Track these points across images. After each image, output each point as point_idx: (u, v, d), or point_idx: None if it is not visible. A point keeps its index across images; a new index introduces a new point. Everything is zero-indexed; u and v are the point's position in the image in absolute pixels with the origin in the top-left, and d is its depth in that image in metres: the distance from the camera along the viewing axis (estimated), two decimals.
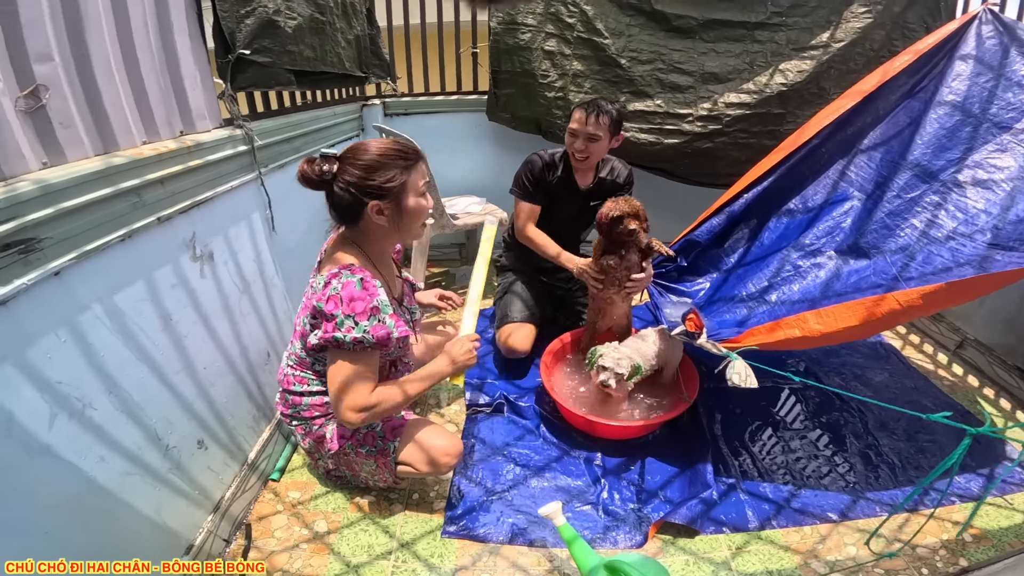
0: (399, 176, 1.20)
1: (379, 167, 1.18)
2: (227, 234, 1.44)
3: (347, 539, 1.41)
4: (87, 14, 1.03)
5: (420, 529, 1.44)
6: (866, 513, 1.50)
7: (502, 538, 1.42)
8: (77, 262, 0.93)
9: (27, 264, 0.83)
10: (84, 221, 0.95)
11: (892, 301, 1.32)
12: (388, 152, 1.20)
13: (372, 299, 1.18)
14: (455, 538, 1.42)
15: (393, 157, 1.20)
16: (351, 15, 2.24)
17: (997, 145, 1.79)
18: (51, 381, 0.86)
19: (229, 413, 1.40)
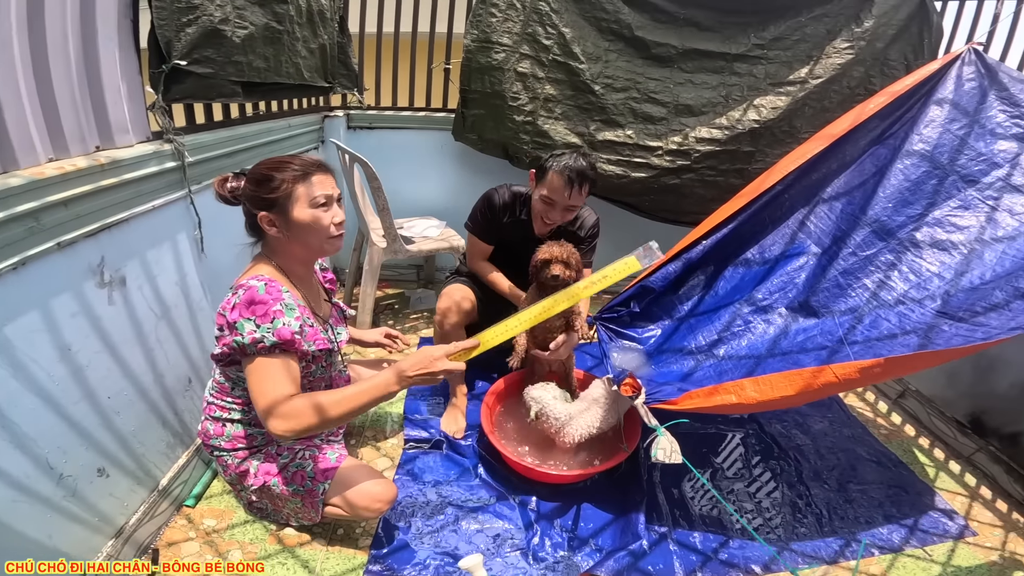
0: (285, 186, 1.19)
1: (264, 179, 1.20)
2: (144, 257, 1.35)
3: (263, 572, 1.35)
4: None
5: (342, 566, 1.38)
6: (788, 564, 1.50)
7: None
8: None
9: None
10: None
11: (830, 374, 1.30)
12: (277, 164, 1.21)
13: (275, 302, 1.15)
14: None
15: (281, 168, 1.20)
16: (317, 23, 2.16)
17: (960, 201, 1.76)
18: None
19: (138, 441, 1.34)
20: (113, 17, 1.27)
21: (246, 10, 1.68)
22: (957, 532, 1.63)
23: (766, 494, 1.75)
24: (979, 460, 1.94)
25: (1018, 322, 1.36)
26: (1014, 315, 1.40)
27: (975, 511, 1.74)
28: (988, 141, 1.79)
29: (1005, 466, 1.85)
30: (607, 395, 1.72)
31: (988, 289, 1.52)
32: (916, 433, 2.13)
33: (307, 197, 1.21)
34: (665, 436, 1.30)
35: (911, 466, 1.92)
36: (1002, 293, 1.48)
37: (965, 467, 1.94)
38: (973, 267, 1.63)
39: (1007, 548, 1.59)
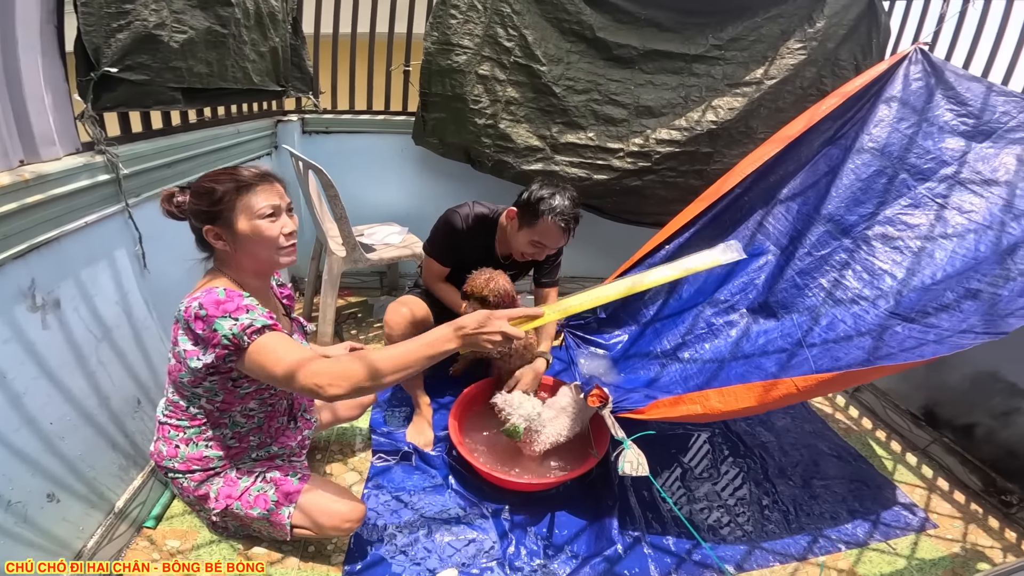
0: (228, 198, 1.15)
1: (205, 191, 1.16)
2: (79, 277, 1.27)
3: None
4: None
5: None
6: (759, 563, 1.53)
7: None
8: None
9: None
10: None
11: (791, 385, 1.34)
12: (218, 175, 1.18)
13: (240, 300, 1.11)
14: None
15: (223, 180, 1.16)
16: (267, 25, 2.07)
17: (911, 199, 1.81)
18: None
19: (87, 464, 1.29)
20: (35, 24, 1.19)
21: (185, 14, 1.59)
22: (918, 525, 1.69)
23: (733, 493, 1.79)
24: (934, 452, 2.01)
25: (969, 323, 1.40)
26: (965, 316, 1.45)
27: (934, 503, 1.80)
28: (936, 139, 1.84)
29: (960, 457, 1.93)
30: (574, 403, 1.71)
31: (939, 290, 1.56)
32: (873, 426, 2.20)
33: (251, 208, 1.16)
34: (632, 449, 1.31)
35: (870, 459, 1.98)
36: (952, 294, 1.52)
37: (921, 459, 2.02)
38: (924, 266, 1.68)
39: (968, 540, 1.65)
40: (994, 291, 1.44)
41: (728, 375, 1.81)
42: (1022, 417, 1.79)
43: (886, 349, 1.48)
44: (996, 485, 1.80)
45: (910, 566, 1.54)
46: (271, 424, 1.35)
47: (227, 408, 1.25)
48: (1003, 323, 1.30)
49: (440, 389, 2.13)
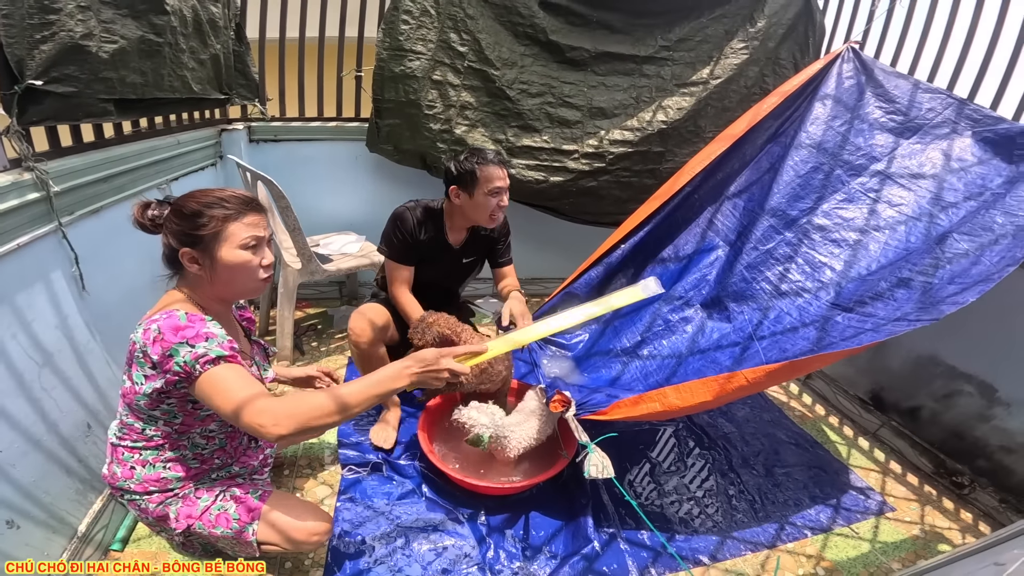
0: (214, 224, 1.12)
1: (192, 214, 1.12)
2: (14, 303, 1.21)
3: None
4: None
5: None
6: (732, 553, 1.59)
7: None
8: None
9: None
10: None
11: (741, 379, 1.40)
12: (208, 199, 1.13)
13: (202, 326, 1.08)
14: None
15: (212, 205, 1.12)
16: (207, 32, 2.01)
17: (845, 194, 1.91)
18: None
19: (42, 490, 1.27)
20: None
21: (115, 23, 1.53)
22: (877, 508, 1.78)
23: (701, 485, 1.85)
24: (884, 435, 2.14)
25: (903, 311, 1.48)
26: (898, 305, 1.55)
27: (889, 486, 1.91)
28: (867, 136, 1.96)
29: (909, 440, 2.05)
30: (541, 406, 1.73)
31: (874, 280, 1.67)
32: (826, 412, 2.33)
33: (235, 238, 1.14)
34: (596, 452, 1.35)
35: (826, 445, 2.09)
36: (886, 283, 1.63)
37: (873, 443, 2.15)
38: (860, 258, 1.78)
39: (926, 522, 1.75)
40: (925, 279, 1.55)
41: (686, 370, 1.86)
42: (963, 399, 1.91)
43: (828, 339, 1.56)
44: (946, 466, 1.93)
45: (874, 549, 1.62)
46: (232, 444, 1.32)
47: (186, 430, 1.22)
48: (935, 310, 1.39)
49: (409, 397, 2.13)
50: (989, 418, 1.83)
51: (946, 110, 1.87)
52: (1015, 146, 1.68)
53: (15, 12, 1.24)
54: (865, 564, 1.56)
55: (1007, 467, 1.78)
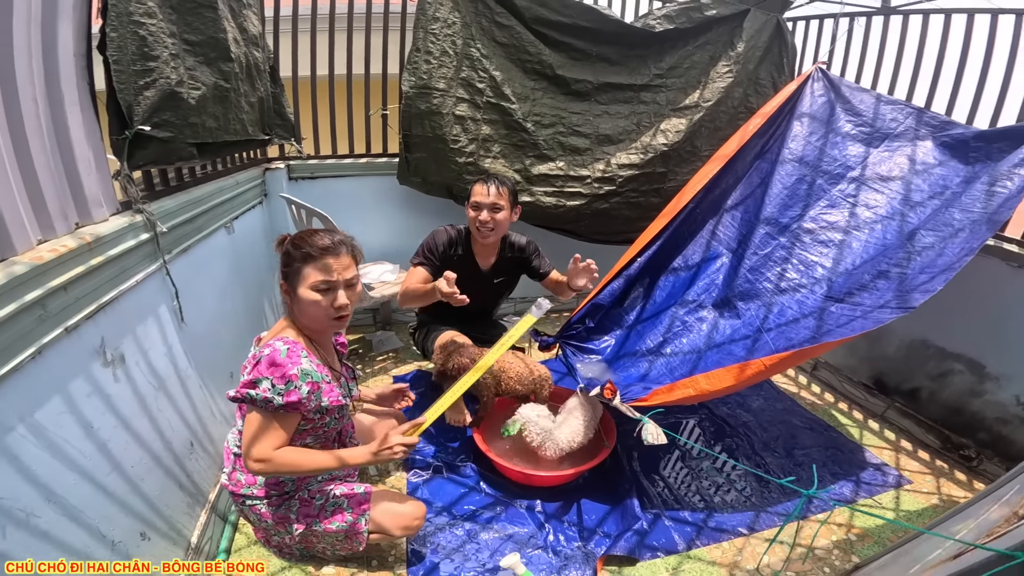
0: (296, 264, 1.35)
1: (286, 251, 1.37)
2: (136, 333, 1.41)
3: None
4: None
5: None
6: (766, 524, 1.81)
7: None
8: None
9: None
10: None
11: (757, 365, 1.66)
12: (299, 241, 1.37)
13: (293, 367, 1.29)
14: None
15: (300, 245, 1.35)
16: (255, 76, 2.20)
17: (828, 200, 2.20)
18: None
19: (164, 504, 1.42)
20: (73, 80, 1.24)
21: (196, 70, 1.70)
22: (895, 482, 2.02)
23: (731, 467, 2.07)
24: (891, 416, 2.39)
25: (885, 299, 1.74)
26: (881, 293, 1.83)
27: (903, 462, 2.14)
28: (841, 148, 2.28)
29: (914, 419, 2.31)
30: (581, 405, 1.91)
31: (859, 273, 1.96)
32: (835, 399, 2.58)
33: (309, 280, 1.34)
34: (650, 423, 1.57)
35: (838, 428, 2.34)
36: (868, 276, 1.92)
37: (882, 424, 2.39)
38: (846, 255, 2.07)
39: (942, 492, 1.97)
40: (900, 271, 1.84)
41: (706, 363, 2.09)
42: (956, 377, 2.19)
43: (826, 327, 1.82)
44: (952, 441, 2.16)
45: (899, 517, 1.83)
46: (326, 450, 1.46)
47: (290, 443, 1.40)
48: (911, 298, 1.68)
49: None
50: (981, 393, 2.09)
51: (907, 119, 2.19)
52: (969, 148, 1.99)
53: (122, 58, 1.39)
54: (893, 530, 1.76)
55: (1006, 437, 2.01)
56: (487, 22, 2.65)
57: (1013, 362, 2.00)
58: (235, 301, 2.14)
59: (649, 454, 2.09)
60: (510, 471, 1.88)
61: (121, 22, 1.38)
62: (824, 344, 1.72)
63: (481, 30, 2.66)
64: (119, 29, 1.37)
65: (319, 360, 1.39)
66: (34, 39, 1.11)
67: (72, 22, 1.23)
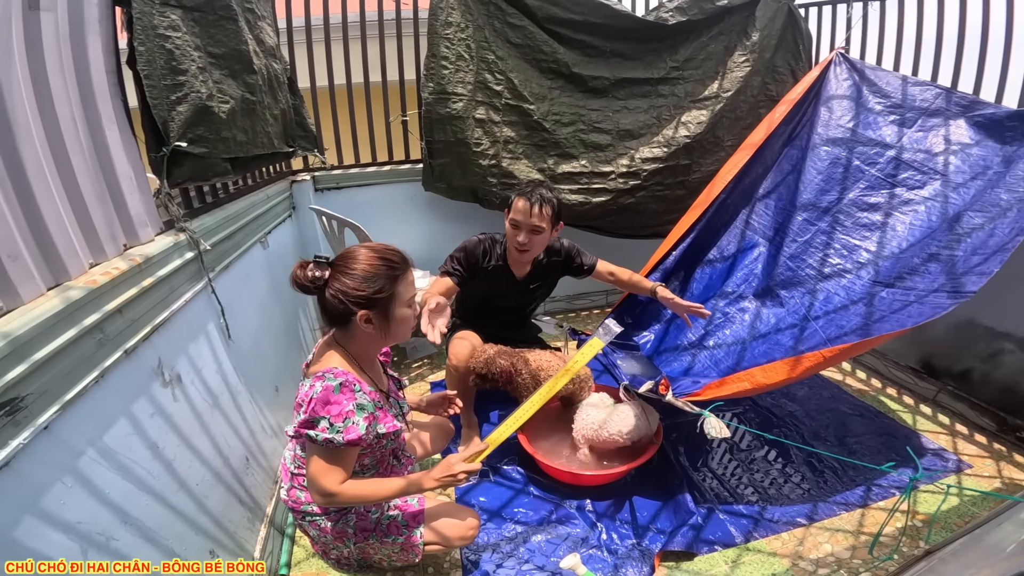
0: (388, 287, 1.28)
1: (369, 278, 1.25)
2: (189, 352, 1.42)
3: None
4: (12, 108, 0.91)
5: None
6: (826, 514, 1.77)
7: None
8: (62, 413, 0.93)
9: (17, 424, 0.83)
10: (58, 370, 0.94)
11: (818, 356, 1.61)
12: (377, 263, 1.27)
13: (348, 403, 1.25)
14: None
15: (382, 267, 1.27)
16: (276, 88, 2.22)
17: (867, 182, 2.17)
18: (71, 523, 0.90)
19: (228, 520, 1.43)
20: (108, 97, 1.23)
21: (224, 83, 1.71)
22: (955, 467, 1.97)
23: (783, 458, 2.05)
24: (943, 400, 2.33)
25: (938, 282, 1.70)
26: (933, 277, 1.80)
27: (960, 446, 2.09)
28: (874, 128, 2.25)
29: (967, 402, 2.25)
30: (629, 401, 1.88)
31: (907, 257, 1.94)
32: (882, 385, 2.54)
33: (403, 297, 1.30)
34: (712, 417, 1.56)
35: (889, 414, 2.29)
36: (918, 259, 1.88)
37: (935, 408, 2.33)
38: (890, 238, 2.03)
39: (1004, 475, 1.91)
40: (950, 253, 1.80)
41: (752, 354, 2.05)
42: (1007, 356, 2.13)
43: (878, 313, 1.78)
44: (1007, 423, 2.10)
45: (963, 501, 1.78)
46: (383, 466, 1.48)
47: None
48: (966, 281, 1.64)
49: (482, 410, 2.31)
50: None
51: (937, 99, 2.15)
52: (1005, 128, 1.94)
53: (153, 72, 1.37)
54: (959, 515, 1.72)
55: None
56: (500, 23, 2.66)
57: None
58: (273, 315, 2.15)
59: (696, 448, 2.07)
60: (557, 472, 1.87)
61: (148, 35, 1.35)
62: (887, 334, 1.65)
63: (495, 32, 2.66)
64: (146, 43, 1.35)
65: (370, 386, 1.36)
66: (65, 56, 1.10)
67: (100, 36, 1.22)
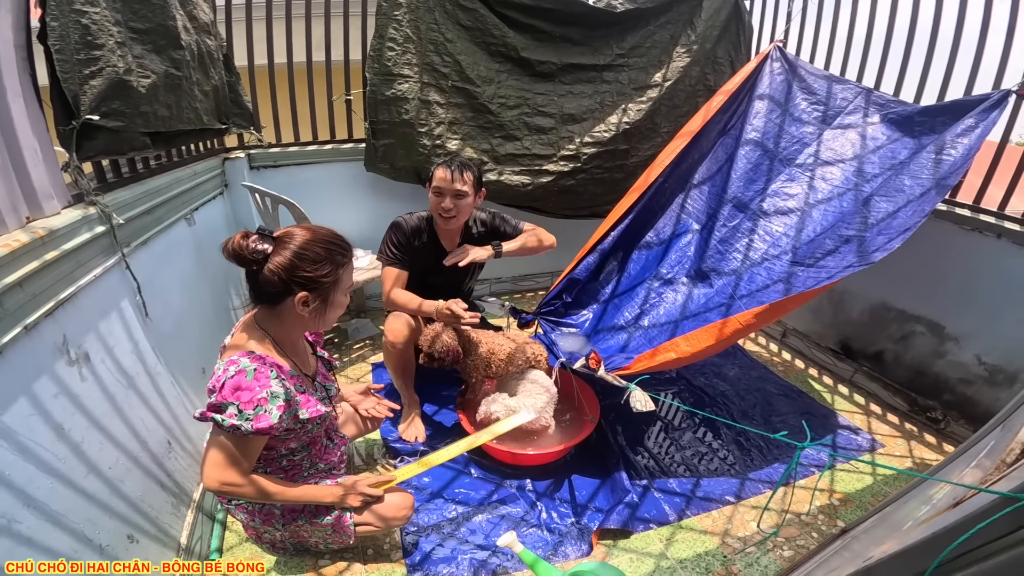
0: (333, 273, 1.23)
1: (318, 260, 1.21)
2: (99, 330, 1.34)
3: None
4: None
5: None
6: (752, 492, 1.87)
7: (466, 574, 1.54)
8: None
9: None
10: None
11: (735, 322, 1.72)
12: (327, 246, 1.23)
13: (261, 390, 1.20)
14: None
15: (332, 252, 1.23)
16: (208, 64, 2.13)
17: (788, 175, 2.30)
18: None
19: (147, 505, 1.38)
20: (14, 71, 1.19)
21: (145, 59, 1.65)
22: (868, 446, 2.10)
23: (713, 437, 2.14)
24: (859, 380, 2.50)
25: (848, 261, 1.82)
26: (843, 256, 1.91)
27: (874, 425, 2.22)
28: (798, 126, 2.39)
29: (881, 383, 2.41)
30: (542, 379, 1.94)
31: (821, 240, 2.06)
32: (805, 365, 2.70)
33: (344, 284, 1.28)
34: (637, 390, 1.61)
35: (811, 394, 2.43)
36: (831, 242, 2.01)
37: (851, 388, 2.49)
38: (807, 224, 2.17)
39: (915, 455, 2.05)
40: (859, 234, 1.93)
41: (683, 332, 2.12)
42: (917, 339, 2.29)
43: (795, 290, 1.87)
44: (919, 404, 2.25)
45: (876, 481, 1.90)
46: (315, 448, 1.46)
47: (273, 446, 1.35)
48: (871, 256, 1.75)
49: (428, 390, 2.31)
50: (943, 354, 2.19)
51: (856, 98, 2.31)
52: (914, 123, 2.11)
53: (65, 47, 1.34)
54: (872, 494, 1.84)
55: (970, 398, 2.09)
56: (451, 5, 2.62)
57: (971, 322, 2.09)
58: (201, 294, 2.06)
59: (633, 427, 2.14)
60: (498, 452, 1.89)
61: (62, 11, 1.33)
62: (796, 296, 1.77)
63: (445, 14, 2.62)
64: (60, 19, 1.32)
65: (293, 370, 1.30)
66: None
67: (10, 13, 1.19)
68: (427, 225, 2.07)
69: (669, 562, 1.57)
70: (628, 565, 1.56)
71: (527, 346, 2.03)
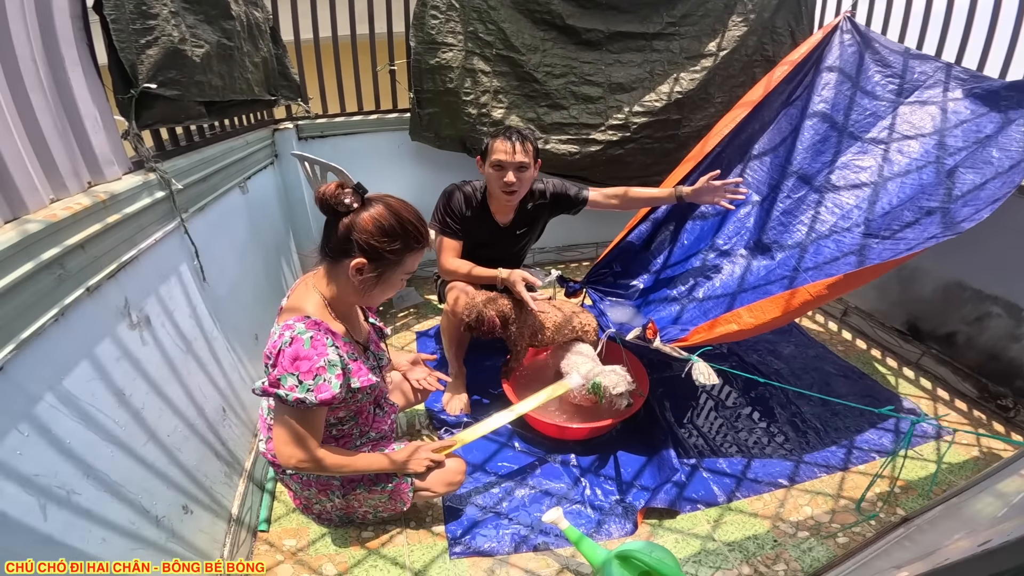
0: (400, 253, 1.19)
1: (390, 233, 1.16)
2: (159, 294, 1.34)
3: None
4: None
5: (428, 555, 1.49)
6: (807, 476, 1.75)
7: (508, 549, 1.51)
8: (17, 352, 0.86)
9: None
10: (13, 305, 0.87)
11: (804, 293, 1.59)
12: (408, 224, 1.18)
13: (319, 359, 1.17)
14: (463, 557, 1.49)
15: (409, 233, 1.19)
16: (257, 36, 2.12)
17: (860, 148, 2.15)
18: (28, 475, 0.83)
19: (203, 474, 1.38)
20: (72, 41, 1.21)
21: (198, 28, 1.65)
22: (935, 433, 1.93)
23: (766, 417, 2.02)
24: (926, 364, 2.30)
25: (931, 232, 1.67)
26: (924, 228, 1.76)
27: (941, 411, 2.05)
28: (870, 99, 2.21)
29: (950, 367, 2.20)
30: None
31: (898, 212, 1.89)
32: (867, 346, 2.51)
33: (407, 268, 1.25)
34: (700, 362, 1.51)
35: (872, 376, 2.25)
36: (910, 213, 1.84)
37: (917, 372, 2.30)
38: (881, 197, 2.01)
39: (983, 444, 1.88)
40: (943, 206, 1.76)
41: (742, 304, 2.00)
42: (993, 320, 2.08)
43: (869, 261, 1.72)
44: (989, 390, 2.06)
45: (941, 470, 1.75)
46: (363, 416, 1.43)
47: None
48: (959, 227, 1.59)
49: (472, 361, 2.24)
50: (1019, 337, 1.97)
51: (936, 73, 2.12)
52: (1000, 98, 1.92)
53: (120, 17, 1.33)
54: (937, 483, 1.69)
55: None
56: None
57: None
58: (255, 261, 2.08)
59: (682, 404, 2.05)
60: (543, 425, 1.83)
61: None
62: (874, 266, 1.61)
63: None
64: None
65: (345, 337, 1.27)
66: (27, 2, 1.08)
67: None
68: (480, 196, 2.00)
69: (716, 544, 1.50)
70: (673, 545, 1.49)
71: (575, 316, 1.95)
